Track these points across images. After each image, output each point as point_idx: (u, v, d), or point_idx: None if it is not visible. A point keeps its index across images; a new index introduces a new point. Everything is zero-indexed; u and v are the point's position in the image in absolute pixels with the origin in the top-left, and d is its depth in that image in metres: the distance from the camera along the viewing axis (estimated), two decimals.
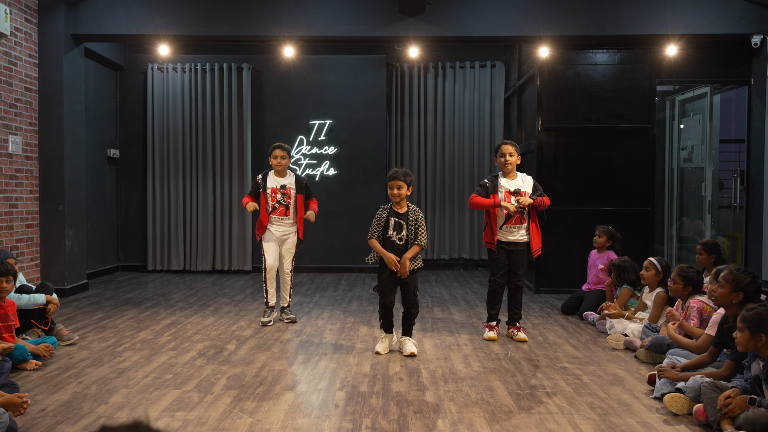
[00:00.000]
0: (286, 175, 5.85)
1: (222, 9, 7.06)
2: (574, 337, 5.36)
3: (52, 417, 3.48)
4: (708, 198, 8.36)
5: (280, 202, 5.76)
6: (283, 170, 5.82)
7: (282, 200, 5.76)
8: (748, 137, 7.41)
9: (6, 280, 4.31)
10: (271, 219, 5.79)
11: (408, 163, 9.58)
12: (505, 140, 5.35)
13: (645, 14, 6.92)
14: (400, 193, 4.67)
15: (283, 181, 5.81)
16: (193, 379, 4.15)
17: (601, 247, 6.39)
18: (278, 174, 5.82)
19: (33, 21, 7.01)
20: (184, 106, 9.29)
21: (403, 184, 4.66)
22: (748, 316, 3.25)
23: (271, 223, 5.80)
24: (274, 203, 5.77)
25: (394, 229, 4.70)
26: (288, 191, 5.79)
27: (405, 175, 4.68)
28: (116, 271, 9.37)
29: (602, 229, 6.38)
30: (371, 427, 3.36)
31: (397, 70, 9.59)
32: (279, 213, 5.77)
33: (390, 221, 4.71)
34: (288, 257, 5.87)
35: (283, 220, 5.80)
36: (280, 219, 5.79)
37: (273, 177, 5.83)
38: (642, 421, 3.46)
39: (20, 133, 6.81)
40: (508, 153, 5.20)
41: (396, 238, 4.71)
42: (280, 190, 5.77)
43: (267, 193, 5.78)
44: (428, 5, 6.93)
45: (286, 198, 5.78)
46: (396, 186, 4.66)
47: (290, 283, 5.93)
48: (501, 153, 5.23)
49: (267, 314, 5.82)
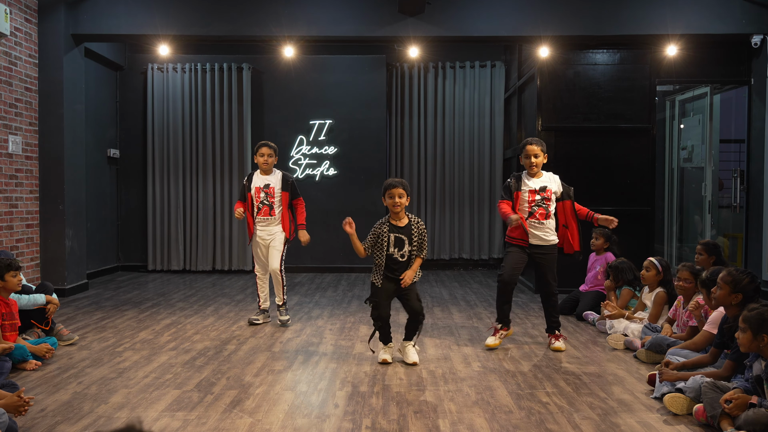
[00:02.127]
0: (272, 173, 5.75)
1: (222, 9, 7.06)
2: (574, 337, 5.36)
3: (52, 417, 3.48)
4: (708, 198, 8.36)
5: (264, 202, 5.67)
6: (270, 168, 5.73)
7: (265, 200, 5.67)
8: (748, 137, 7.41)
9: (13, 275, 4.38)
10: (257, 222, 5.71)
11: (408, 163, 9.58)
12: (530, 139, 4.97)
13: (645, 14, 6.92)
14: (401, 202, 4.40)
15: (267, 179, 5.71)
16: (193, 379, 4.15)
17: (599, 249, 6.39)
18: (264, 173, 5.74)
19: (33, 21, 7.01)
20: (184, 106, 9.29)
21: (403, 192, 4.41)
22: (750, 316, 3.25)
23: (257, 227, 5.71)
24: (258, 204, 5.69)
25: (395, 246, 4.44)
26: (271, 190, 5.67)
27: (403, 185, 4.44)
28: (116, 271, 9.38)
29: (598, 232, 6.38)
30: (371, 427, 3.36)
31: (397, 70, 9.58)
32: (263, 213, 5.68)
33: (390, 238, 4.44)
34: (275, 255, 5.65)
35: (267, 221, 5.69)
36: (265, 219, 5.68)
37: (258, 176, 5.74)
38: (642, 421, 3.46)
39: (20, 133, 6.81)
40: (533, 154, 4.89)
41: (398, 255, 4.45)
42: (263, 189, 5.67)
43: (251, 194, 5.71)
44: (428, 5, 6.93)
45: (269, 197, 5.67)
46: (397, 194, 4.39)
47: (282, 282, 5.69)
48: (526, 153, 4.92)
49: (257, 313, 5.91)
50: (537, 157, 4.91)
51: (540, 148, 4.92)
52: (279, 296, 5.76)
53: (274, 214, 5.69)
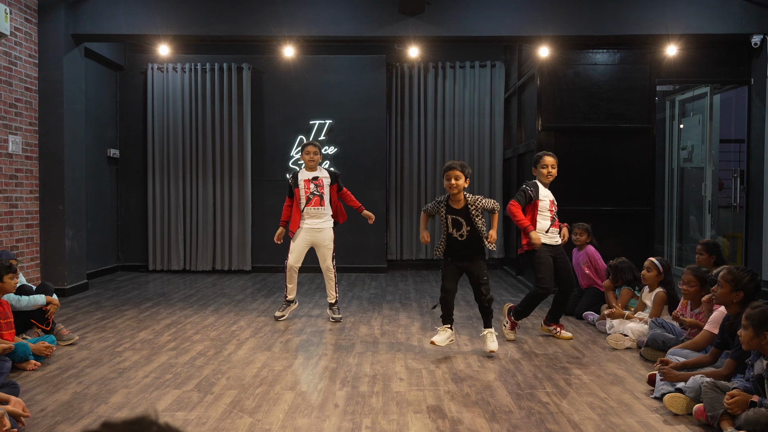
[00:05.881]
0: (317, 170, 5.93)
1: (222, 9, 7.06)
2: (574, 337, 5.36)
3: (52, 417, 3.48)
4: (708, 198, 8.36)
5: (314, 192, 5.82)
6: (315, 166, 5.91)
7: (316, 190, 5.82)
8: (748, 137, 7.40)
9: (10, 277, 4.38)
10: (305, 213, 5.81)
11: (408, 162, 9.58)
12: (546, 152, 5.26)
13: (645, 14, 6.92)
14: (457, 184, 4.54)
15: (315, 173, 5.89)
16: (193, 379, 4.15)
17: (582, 245, 6.40)
18: (309, 170, 5.90)
19: (33, 21, 7.01)
20: (184, 106, 9.29)
21: (460, 174, 4.53)
22: (753, 314, 3.25)
23: (304, 219, 5.82)
24: (308, 194, 5.82)
25: (454, 227, 4.65)
26: (320, 182, 5.84)
27: (462, 167, 4.56)
28: (116, 271, 9.37)
29: (581, 227, 6.39)
30: (371, 427, 3.35)
31: (397, 70, 9.58)
32: (314, 203, 5.81)
33: (448, 219, 4.65)
34: (327, 253, 5.85)
35: (318, 211, 5.81)
36: (315, 210, 5.81)
37: (304, 172, 5.92)
38: (642, 421, 3.46)
39: (20, 133, 6.81)
40: (550, 165, 5.15)
41: (457, 235, 4.64)
42: (312, 181, 5.84)
43: (300, 187, 5.84)
44: (428, 5, 6.93)
45: (320, 188, 5.83)
46: (454, 176, 4.54)
47: (334, 279, 5.91)
48: (543, 164, 5.16)
49: (282, 308, 6.00)
50: (554, 168, 5.20)
51: (555, 161, 5.21)
52: (332, 295, 5.95)
53: (323, 204, 5.84)
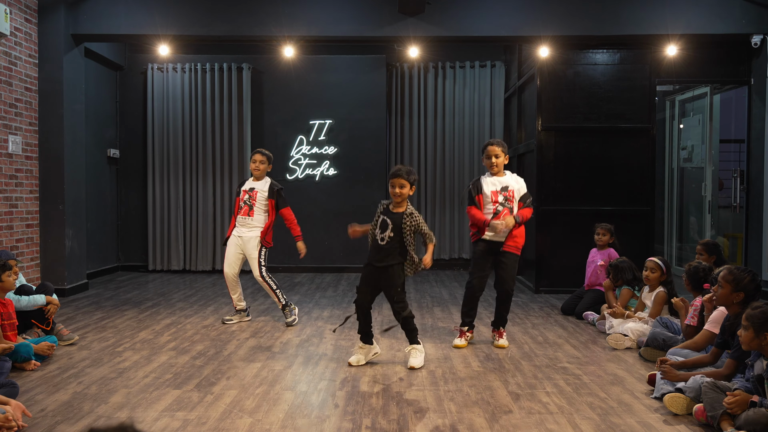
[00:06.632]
0: (263, 180, 5.80)
1: (222, 9, 7.06)
2: (574, 337, 5.36)
3: (52, 417, 3.48)
4: (708, 198, 8.36)
5: (246, 202, 5.76)
6: (261, 175, 5.78)
7: (247, 201, 5.75)
8: (748, 137, 7.41)
9: (8, 275, 4.38)
10: (237, 220, 5.80)
11: (408, 163, 9.57)
12: (491, 140, 5.07)
13: (645, 14, 6.92)
14: (401, 193, 4.28)
15: (254, 185, 5.79)
16: (193, 379, 4.15)
17: (603, 245, 6.40)
18: (255, 179, 5.83)
19: (33, 21, 7.01)
20: (184, 106, 9.29)
21: (405, 182, 4.28)
22: (753, 314, 3.25)
23: (236, 226, 5.81)
24: (239, 203, 5.79)
25: (380, 227, 4.34)
26: (254, 194, 5.74)
27: (408, 174, 4.30)
28: (116, 271, 9.37)
29: (605, 227, 6.39)
30: (371, 427, 3.35)
31: (397, 70, 9.58)
32: (243, 213, 5.76)
33: (379, 219, 4.36)
34: (253, 264, 5.69)
35: (245, 220, 5.74)
36: (243, 219, 5.76)
37: (249, 182, 5.86)
38: (642, 421, 3.46)
39: (20, 133, 6.81)
40: (494, 154, 4.96)
41: (378, 238, 4.33)
42: (248, 192, 5.77)
43: (240, 195, 5.82)
44: (428, 5, 6.93)
45: (251, 199, 5.74)
46: (398, 184, 4.28)
47: (271, 287, 5.70)
48: (487, 154, 4.99)
49: (231, 314, 6.03)
50: (498, 158, 4.99)
51: (501, 149, 5.00)
52: (275, 300, 5.81)
53: (252, 215, 5.73)
